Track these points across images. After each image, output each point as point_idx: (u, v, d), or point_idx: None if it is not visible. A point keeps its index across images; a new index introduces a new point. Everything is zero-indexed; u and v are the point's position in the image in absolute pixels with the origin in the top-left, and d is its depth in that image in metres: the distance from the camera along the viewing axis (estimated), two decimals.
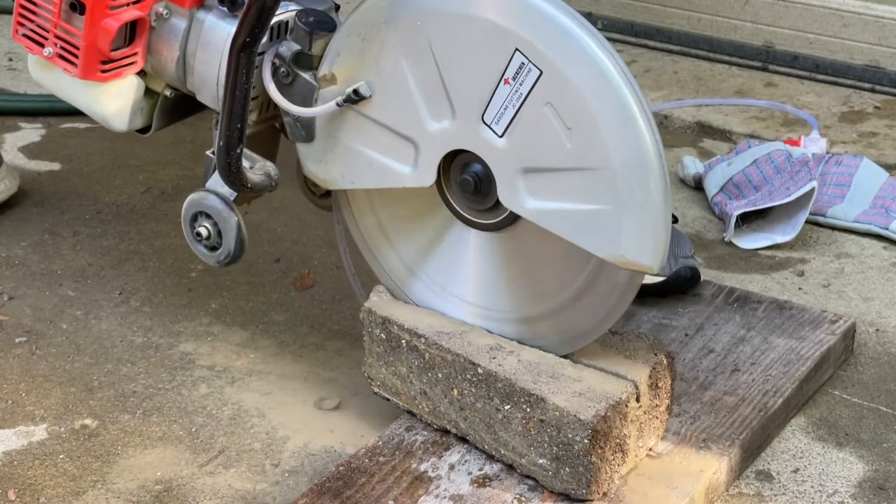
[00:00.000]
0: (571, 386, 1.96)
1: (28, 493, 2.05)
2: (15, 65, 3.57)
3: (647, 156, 1.86)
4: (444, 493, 1.98)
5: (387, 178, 2.05)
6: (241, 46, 1.95)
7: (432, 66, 1.95)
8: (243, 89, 1.98)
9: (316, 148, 2.10)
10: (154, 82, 2.21)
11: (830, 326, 2.37)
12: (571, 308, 2.01)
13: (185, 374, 2.33)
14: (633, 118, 1.85)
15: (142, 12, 2.12)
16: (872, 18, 3.46)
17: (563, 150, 1.89)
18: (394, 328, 2.09)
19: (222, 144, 2.02)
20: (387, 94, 2.00)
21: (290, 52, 2.04)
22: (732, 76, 3.55)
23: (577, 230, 1.91)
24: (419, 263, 2.14)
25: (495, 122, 1.93)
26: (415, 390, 2.09)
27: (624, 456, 1.97)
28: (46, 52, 2.16)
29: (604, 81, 1.85)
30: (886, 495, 2.07)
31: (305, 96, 2.05)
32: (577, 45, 1.86)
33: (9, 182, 2.81)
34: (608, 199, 1.88)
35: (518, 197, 1.95)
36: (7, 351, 2.38)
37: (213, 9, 2.13)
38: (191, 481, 2.08)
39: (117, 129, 2.22)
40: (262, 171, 2.10)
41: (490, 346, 2.04)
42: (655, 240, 1.88)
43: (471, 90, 1.94)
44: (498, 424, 2.00)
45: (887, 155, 3.10)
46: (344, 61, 2.02)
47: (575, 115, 1.87)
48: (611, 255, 1.90)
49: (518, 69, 1.88)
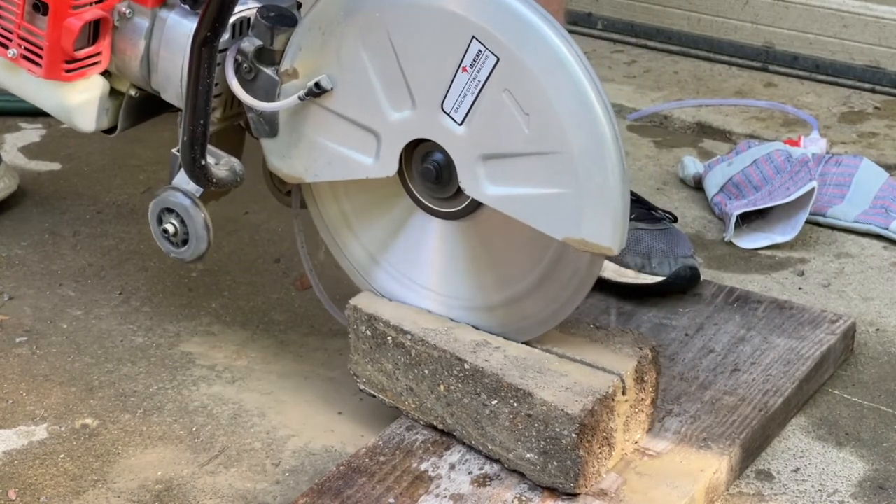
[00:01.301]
0: (558, 380, 1.97)
1: (28, 493, 2.05)
2: None
3: (604, 139, 1.88)
4: (444, 492, 1.98)
5: (350, 170, 2.07)
6: (202, 41, 1.96)
7: (391, 56, 1.97)
8: (205, 84, 1.99)
9: (280, 143, 2.11)
10: (119, 82, 2.22)
11: (830, 326, 2.37)
12: (532, 295, 2.03)
13: (185, 373, 2.33)
14: (590, 102, 1.87)
15: (104, 11, 2.13)
16: (872, 19, 3.46)
17: (522, 136, 1.91)
18: (379, 325, 2.10)
19: (186, 140, 2.03)
20: (348, 86, 2.02)
21: (252, 48, 2.05)
22: (732, 76, 3.55)
23: (538, 214, 1.94)
24: (382, 252, 2.16)
25: (455, 111, 1.95)
26: (401, 387, 2.09)
27: (611, 449, 1.98)
28: (10, 53, 2.17)
29: (559, 67, 1.87)
30: (887, 495, 2.07)
31: (268, 91, 2.06)
32: (533, 31, 1.88)
33: (8, 180, 2.81)
34: (567, 183, 1.90)
35: (478, 184, 1.97)
36: (7, 351, 2.38)
37: (175, 7, 2.14)
38: (191, 481, 2.08)
39: (83, 129, 2.22)
40: (227, 167, 2.11)
41: (476, 342, 2.05)
42: (614, 221, 1.90)
43: (430, 79, 1.95)
44: (485, 420, 2.00)
45: (887, 155, 3.11)
46: (305, 55, 2.03)
47: (532, 100, 1.89)
48: (571, 238, 1.92)
49: (475, 57, 1.90)
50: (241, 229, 2.78)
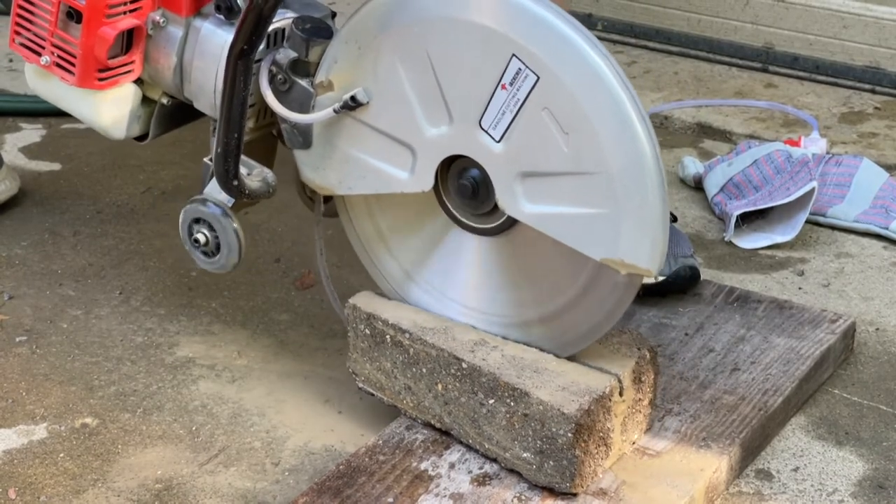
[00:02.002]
0: (555, 380, 1.97)
1: (28, 492, 2.05)
2: (15, 66, 3.57)
3: (645, 158, 1.85)
4: (444, 491, 1.98)
5: (384, 184, 2.05)
6: (238, 54, 1.95)
7: (429, 72, 1.95)
8: (241, 97, 1.98)
9: (313, 154, 2.10)
10: (151, 90, 2.21)
11: (830, 326, 2.37)
12: (571, 310, 2.01)
13: (185, 373, 2.33)
14: (630, 121, 1.85)
15: (138, 20, 2.12)
16: (872, 20, 3.46)
17: (561, 155, 1.89)
18: (378, 324, 2.10)
19: (220, 151, 2.02)
20: (384, 100, 2.00)
21: (287, 60, 2.04)
22: (732, 77, 3.55)
23: (575, 234, 1.91)
24: (417, 269, 2.14)
25: (493, 128, 1.93)
26: (399, 385, 2.10)
27: (607, 449, 1.98)
28: (43, 60, 2.16)
29: (600, 85, 1.85)
30: (886, 494, 2.07)
31: (302, 103, 2.05)
32: (574, 49, 1.86)
33: (9, 183, 2.82)
34: (606, 203, 1.88)
35: (516, 201, 1.95)
36: (7, 350, 2.38)
37: (209, 17, 2.12)
38: (191, 480, 2.08)
39: (115, 137, 2.21)
40: (259, 178, 2.10)
41: (474, 341, 2.05)
42: (653, 242, 1.88)
43: (468, 96, 1.93)
44: (482, 419, 2.00)
45: (887, 155, 3.11)
46: (341, 68, 2.02)
47: (572, 119, 1.87)
48: (609, 259, 1.90)
49: (515, 75, 1.89)
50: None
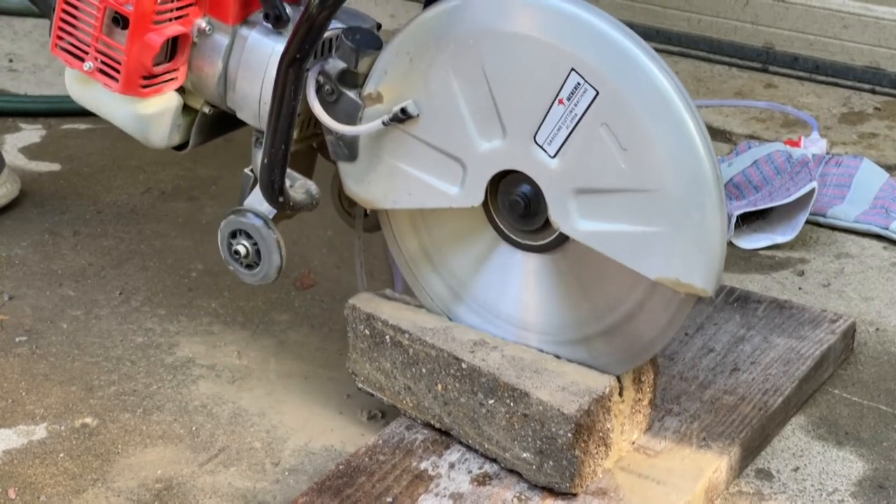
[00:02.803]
0: (555, 380, 1.97)
1: (28, 492, 2.05)
2: (15, 66, 3.57)
3: (705, 178, 1.81)
4: (444, 491, 1.98)
5: (432, 199, 2.01)
6: (289, 63, 1.91)
7: (483, 85, 1.91)
8: (290, 107, 1.95)
9: (358, 167, 2.05)
10: (192, 98, 2.17)
11: (830, 326, 2.37)
12: (624, 327, 1.96)
13: (185, 373, 2.33)
14: (692, 140, 1.81)
15: (185, 28, 2.08)
16: (872, 20, 3.47)
17: (618, 172, 1.85)
18: (378, 324, 2.09)
19: (266, 163, 1.99)
20: (435, 113, 1.96)
21: (335, 70, 2.00)
22: (732, 77, 3.55)
23: (630, 252, 1.87)
24: (464, 287, 2.10)
25: (548, 143, 1.89)
26: (399, 385, 2.10)
27: (607, 450, 1.98)
28: (86, 66, 2.11)
29: (661, 102, 1.81)
30: (886, 494, 2.07)
31: (350, 114, 2.00)
32: (635, 64, 1.82)
33: (10, 186, 2.81)
34: (662, 222, 1.84)
35: (570, 218, 1.90)
36: (7, 350, 2.38)
37: (256, 25, 2.09)
38: (191, 480, 2.08)
39: (156, 145, 2.18)
40: (303, 190, 2.07)
41: (474, 341, 2.05)
42: (710, 263, 1.84)
43: (523, 110, 1.89)
44: (482, 419, 2.00)
45: (887, 156, 3.11)
46: (391, 80, 1.98)
47: (631, 136, 1.82)
48: (664, 278, 1.86)
49: (573, 89, 1.84)
50: None
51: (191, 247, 2.71)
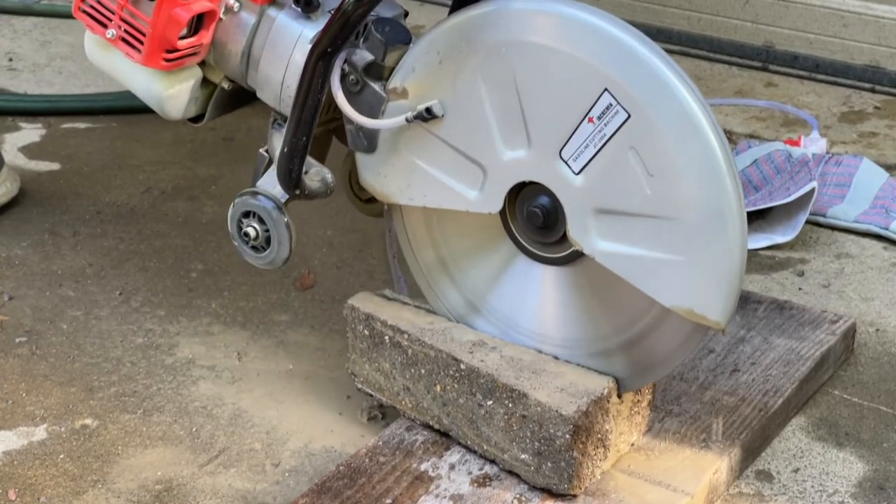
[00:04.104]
0: (553, 381, 1.97)
1: (28, 493, 2.05)
2: (15, 65, 3.57)
3: (729, 211, 1.81)
4: (444, 492, 1.98)
5: (450, 200, 2.00)
6: (320, 54, 1.90)
7: (513, 94, 1.89)
8: (316, 98, 1.93)
9: (376, 160, 2.04)
10: (212, 73, 2.16)
11: (830, 326, 2.37)
12: (642, 341, 1.95)
13: (185, 373, 2.33)
14: (720, 173, 1.80)
15: (213, 4, 2.06)
16: (872, 18, 3.46)
17: (642, 196, 1.83)
18: (377, 324, 2.09)
19: (286, 151, 1.98)
20: (460, 115, 1.94)
21: (362, 61, 1.97)
22: (732, 76, 3.55)
23: (646, 277, 1.86)
24: (482, 298, 2.09)
25: (573, 159, 1.87)
26: (398, 386, 2.10)
27: (606, 451, 1.98)
28: (109, 34, 2.09)
29: (693, 132, 1.80)
30: (886, 495, 2.07)
31: (373, 107, 1.99)
32: (670, 92, 1.80)
33: (10, 185, 2.81)
34: (682, 250, 1.83)
35: (588, 236, 1.89)
36: (7, 351, 2.38)
37: (285, 7, 2.07)
38: (191, 481, 2.08)
39: (172, 116, 2.16)
40: (318, 178, 2.06)
41: (473, 341, 2.05)
42: (727, 297, 1.83)
43: (551, 124, 1.88)
44: (480, 420, 2.00)
45: (887, 155, 3.11)
46: (418, 77, 1.96)
47: (659, 162, 1.81)
48: (678, 307, 1.85)
49: (605, 109, 1.83)
50: None
51: (191, 247, 2.71)
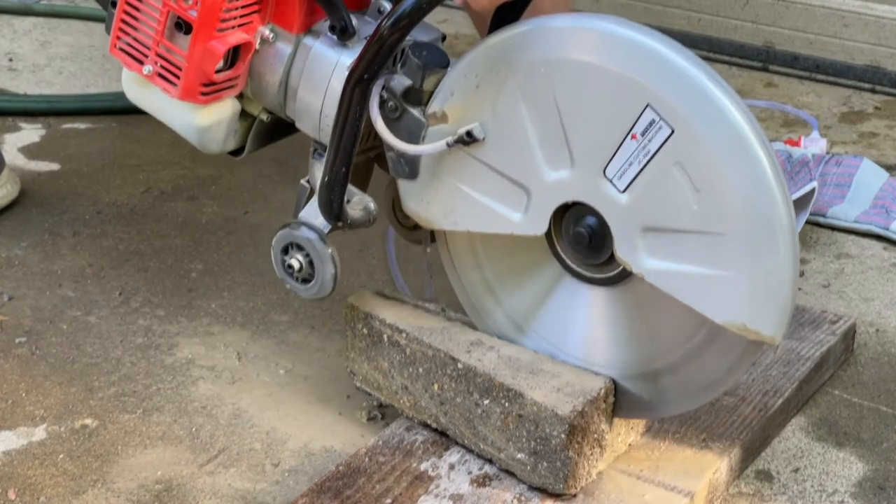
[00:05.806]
0: (550, 381, 1.97)
1: (28, 493, 2.05)
2: (15, 65, 3.57)
3: (780, 224, 1.77)
4: (443, 492, 1.98)
5: (494, 223, 1.97)
6: (357, 81, 1.88)
7: (554, 114, 1.86)
8: (354, 125, 1.91)
9: (419, 186, 2.01)
10: (250, 105, 2.14)
11: (830, 327, 2.37)
12: (692, 362, 1.93)
13: (184, 373, 2.33)
14: (769, 185, 1.76)
15: (248, 35, 2.04)
16: (872, 18, 3.47)
17: (689, 212, 1.80)
18: (375, 323, 2.10)
19: (327, 181, 1.95)
20: (501, 138, 1.92)
21: (400, 87, 1.94)
22: (732, 76, 3.55)
23: (698, 294, 1.83)
24: (528, 320, 2.06)
25: (617, 177, 1.84)
26: (396, 385, 2.10)
27: (602, 451, 1.98)
28: (146, 70, 2.06)
29: (739, 145, 1.76)
30: (886, 495, 2.07)
31: (412, 132, 1.96)
32: (713, 104, 1.77)
33: (10, 187, 2.81)
34: (733, 265, 1.79)
35: (636, 255, 1.86)
36: (7, 351, 2.38)
37: (321, 35, 2.05)
38: (191, 481, 2.08)
39: (211, 150, 2.14)
40: (360, 206, 2.03)
41: (470, 341, 2.05)
42: (780, 311, 1.80)
43: (594, 142, 1.85)
44: (477, 419, 2.00)
45: (887, 155, 3.11)
46: (457, 101, 1.93)
47: (706, 177, 1.78)
48: (731, 323, 1.82)
49: (648, 125, 1.80)
50: (241, 229, 2.78)
51: (191, 247, 2.71)
